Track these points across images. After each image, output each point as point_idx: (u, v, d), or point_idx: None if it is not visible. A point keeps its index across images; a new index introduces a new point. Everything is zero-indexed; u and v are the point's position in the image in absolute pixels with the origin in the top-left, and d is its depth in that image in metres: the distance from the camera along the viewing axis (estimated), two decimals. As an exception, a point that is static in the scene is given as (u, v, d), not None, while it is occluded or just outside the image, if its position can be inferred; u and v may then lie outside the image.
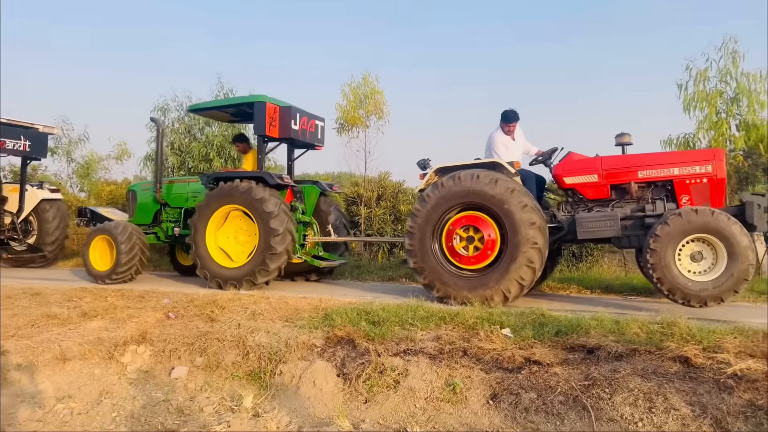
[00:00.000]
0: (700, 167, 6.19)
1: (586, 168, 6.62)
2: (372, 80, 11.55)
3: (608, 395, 3.86)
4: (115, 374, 4.88)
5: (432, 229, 6.48)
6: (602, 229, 6.30)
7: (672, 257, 5.71)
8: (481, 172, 6.35)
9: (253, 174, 7.77)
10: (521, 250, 6.04)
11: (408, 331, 4.95)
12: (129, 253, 8.06)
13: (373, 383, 4.33)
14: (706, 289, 5.65)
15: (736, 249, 5.55)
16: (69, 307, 6.07)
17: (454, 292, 6.31)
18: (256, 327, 5.27)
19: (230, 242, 7.89)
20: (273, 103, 7.75)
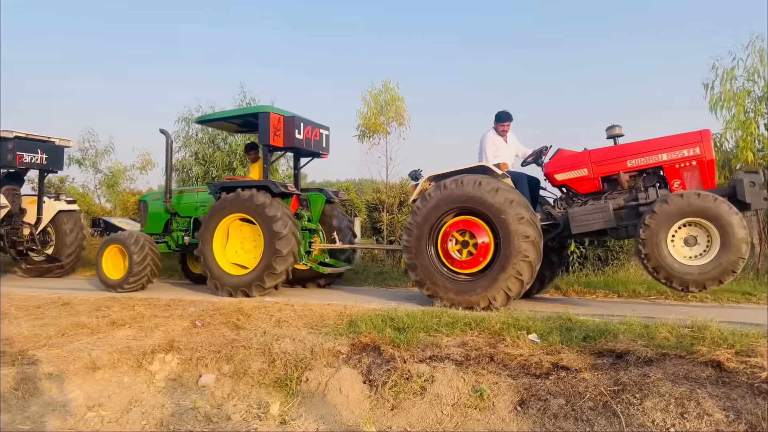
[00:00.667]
0: (688, 150, 6.17)
1: (575, 163, 6.66)
2: (392, 87, 11.59)
3: (638, 400, 3.80)
4: (143, 382, 4.93)
5: (429, 230, 6.56)
6: (594, 222, 6.31)
7: (664, 236, 5.69)
8: (465, 176, 6.43)
9: (257, 183, 7.97)
10: (512, 261, 6.09)
11: (433, 338, 4.93)
12: (141, 263, 8.25)
13: (400, 390, 4.31)
14: (690, 274, 5.63)
15: (731, 239, 5.49)
16: (97, 317, 6.15)
17: (443, 293, 6.41)
18: (282, 334, 5.29)
19: (237, 251, 8.05)
20: (277, 114, 7.95)
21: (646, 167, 6.40)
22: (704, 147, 6.14)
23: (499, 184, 6.34)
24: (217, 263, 7.88)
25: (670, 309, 6.40)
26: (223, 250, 7.99)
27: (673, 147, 6.26)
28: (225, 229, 7.99)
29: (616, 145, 6.68)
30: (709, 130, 6.28)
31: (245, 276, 7.71)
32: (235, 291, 7.65)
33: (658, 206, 5.77)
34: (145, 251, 8.29)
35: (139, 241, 8.35)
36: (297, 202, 8.37)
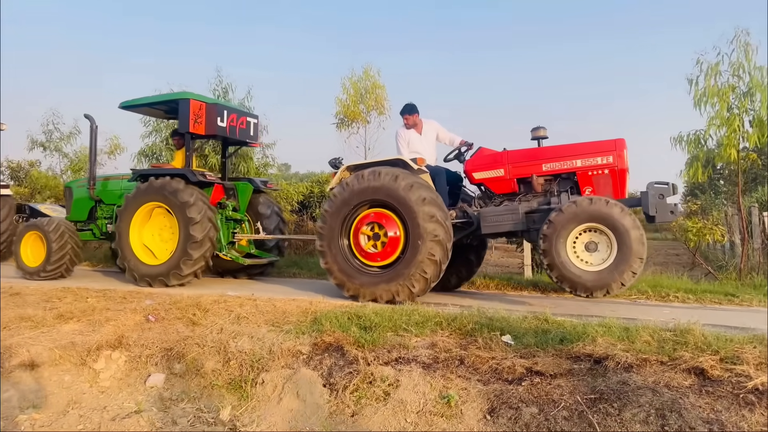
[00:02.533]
0: (602, 158, 6.18)
1: (492, 163, 6.65)
2: (373, 74, 11.22)
3: (616, 411, 3.51)
4: (86, 382, 4.56)
5: (340, 228, 6.52)
6: (504, 223, 6.34)
7: (563, 244, 5.67)
8: (382, 169, 6.38)
9: (174, 171, 7.88)
10: (422, 243, 6.04)
11: (401, 338, 4.62)
12: (60, 251, 8.11)
13: (362, 395, 3.99)
14: (592, 279, 5.61)
15: (626, 240, 5.48)
16: (45, 308, 5.76)
17: (363, 289, 6.32)
18: (240, 332, 4.94)
19: (155, 240, 7.95)
20: (198, 100, 7.80)
21: (560, 172, 6.39)
22: (617, 156, 6.14)
23: (416, 179, 6.29)
24: (134, 253, 7.73)
25: (652, 310, 6.15)
26: (140, 240, 7.86)
27: (588, 154, 6.25)
28: (141, 218, 7.85)
29: (533, 147, 6.63)
30: (623, 140, 6.23)
31: (162, 265, 7.56)
32: (154, 281, 7.51)
33: (553, 216, 5.76)
34: (64, 239, 8.17)
35: (59, 228, 8.19)
36: (222, 191, 8.26)
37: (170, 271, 7.42)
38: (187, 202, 7.34)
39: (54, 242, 8.08)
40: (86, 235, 8.82)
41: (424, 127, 7.33)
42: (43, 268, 8.12)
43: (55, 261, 8.11)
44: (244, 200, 8.47)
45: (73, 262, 8.38)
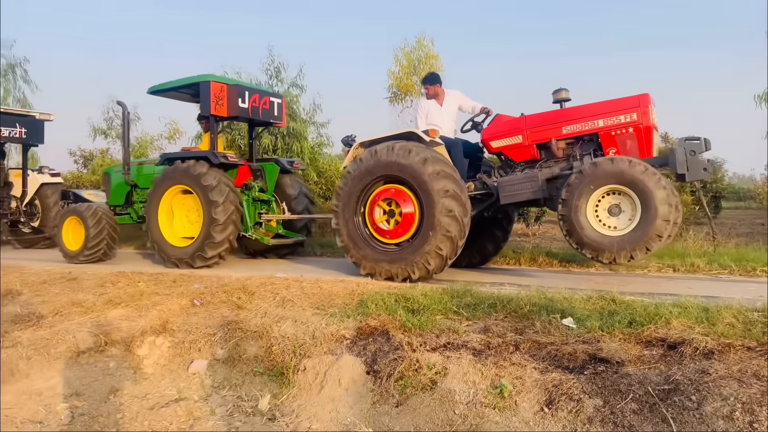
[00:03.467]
0: (625, 116, 5.78)
1: (510, 129, 6.35)
2: (427, 43, 10.74)
3: (695, 404, 3.07)
4: (130, 368, 4.49)
5: (355, 206, 6.38)
6: (523, 192, 6.02)
7: (584, 209, 5.38)
8: (396, 143, 6.16)
9: (198, 154, 7.93)
10: (437, 219, 5.82)
11: (451, 321, 4.30)
12: (98, 235, 8.31)
13: (407, 383, 3.70)
14: (614, 244, 5.28)
15: (650, 202, 5.12)
16: (97, 294, 5.78)
17: (378, 267, 6.18)
18: (284, 315, 4.75)
19: (183, 222, 8.04)
20: (220, 82, 7.80)
21: (581, 134, 6.00)
22: (642, 113, 5.71)
23: (430, 153, 6.04)
24: (162, 235, 7.86)
25: (736, 287, 5.54)
26: (169, 223, 7.95)
27: (610, 113, 5.84)
28: (169, 201, 7.94)
29: (552, 110, 6.24)
30: (647, 95, 5.76)
31: (188, 247, 7.63)
32: (180, 262, 7.61)
33: (572, 179, 5.46)
34: (101, 223, 8.36)
35: (96, 213, 8.39)
36: (248, 172, 8.31)
37: (195, 253, 7.50)
38: (210, 185, 7.38)
39: (91, 227, 8.28)
40: (124, 219, 9.01)
41: (445, 98, 7.07)
42: (82, 252, 8.34)
43: (93, 245, 8.31)
44: (271, 181, 8.43)
45: (110, 246, 8.58)
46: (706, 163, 5.55)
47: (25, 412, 3.83)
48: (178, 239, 7.90)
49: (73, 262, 8.24)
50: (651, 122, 5.72)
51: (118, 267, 7.59)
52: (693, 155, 5.50)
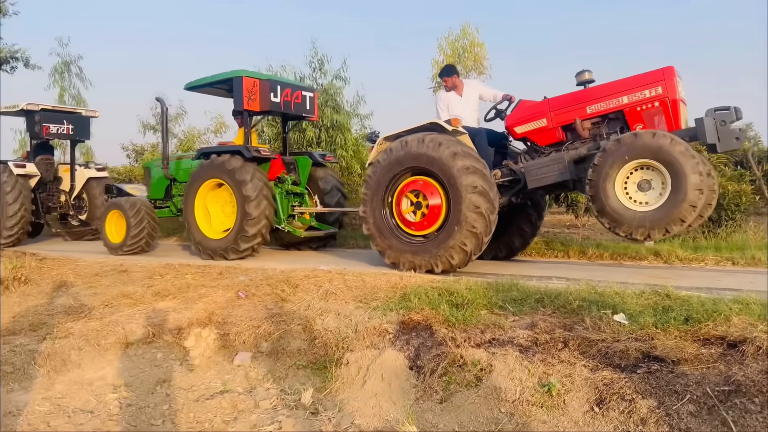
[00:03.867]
0: (650, 90, 5.63)
1: (534, 114, 6.26)
2: (472, 31, 10.52)
3: (758, 407, 2.90)
4: (176, 359, 4.55)
5: (383, 195, 6.42)
6: (549, 174, 5.97)
7: (612, 186, 5.30)
8: (426, 135, 6.14)
9: (231, 148, 8.04)
10: (464, 214, 5.80)
11: (497, 317, 4.19)
12: (138, 227, 8.53)
13: (451, 379, 3.62)
14: (647, 220, 5.18)
15: (679, 173, 5.00)
16: (146, 286, 5.89)
17: (402, 257, 6.24)
18: (327, 308, 4.73)
19: (218, 215, 8.17)
20: (252, 77, 7.90)
21: (606, 112, 5.87)
22: (667, 86, 5.56)
23: (458, 147, 5.99)
24: (198, 228, 8.03)
25: (801, 281, 5.23)
26: (205, 215, 8.13)
27: (634, 88, 5.71)
28: (205, 194, 8.10)
29: (576, 91, 6.14)
30: (672, 67, 5.60)
31: (223, 239, 7.79)
32: (215, 254, 7.76)
33: (597, 158, 5.37)
34: (141, 216, 8.56)
35: (136, 207, 8.61)
36: (281, 165, 8.39)
37: (229, 246, 7.65)
38: (244, 180, 7.50)
39: (132, 220, 8.52)
40: (164, 212, 9.21)
41: (465, 89, 7.01)
42: (124, 244, 8.57)
43: (133, 237, 8.54)
44: (304, 174, 8.54)
45: (151, 238, 8.80)
46: (738, 133, 5.38)
47: (77, 401, 3.93)
48: (213, 231, 8.07)
49: (115, 254, 8.51)
50: (677, 95, 5.56)
51: (165, 259, 7.74)
52: (723, 125, 5.32)
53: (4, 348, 4.32)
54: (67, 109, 10.92)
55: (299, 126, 11.77)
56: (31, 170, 10.23)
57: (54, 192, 10.95)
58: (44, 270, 7.09)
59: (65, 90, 17.21)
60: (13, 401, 3.80)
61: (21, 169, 10.00)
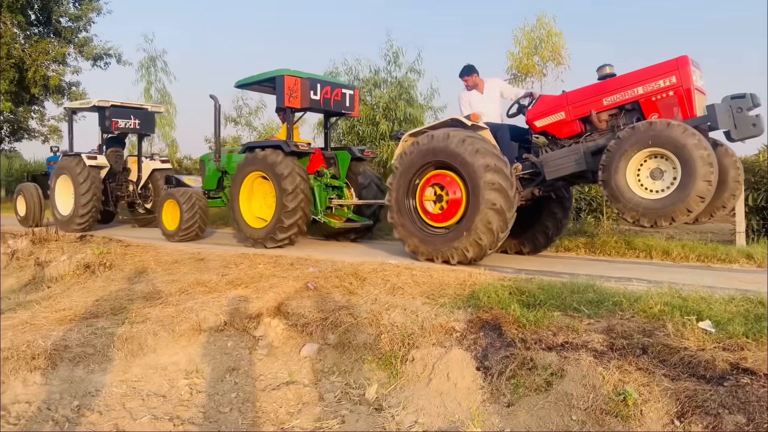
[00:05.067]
0: (664, 80, 5.66)
1: (553, 107, 6.38)
2: (548, 21, 10.16)
3: None
4: (246, 348, 4.63)
5: (407, 186, 6.70)
6: (566, 165, 6.07)
7: (623, 173, 5.38)
8: (452, 131, 6.36)
9: (272, 143, 8.49)
10: (480, 210, 5.98)
11: (571, 319, 4.00)
12: (190, 215, 9.06)
13: (519, 383, 3.49)
14: (654, 207, 5.26)
15: (689, 162, 5.01)
16: (221, 274, 6.05)
17: (422, 247, 6.52)
18: (394, 303, 4.68)
19: (261, 205, 8.60)
20: (294, 76, 8.26)
21: (622, 103, 5.94)
22: (681, 75, 5.57)
23: (481, 144, 6.17)
24: (242, 216, 8.50)
25: None
26: (248, 205, 8.57)
27: (649, 79, 5.75)
28: (250, 185, 8.54)
29: (592, 84, 6.23)
30: (686, 56, 5.60)
31: (263, 228, 8.24)
32: (255, 242, 8.23)
33: (611, 144, 5.49)
34: (193, 206, 9.10)
35: (189, 197, 9.16)
36: (321, 159, 8.77)
37: (267, 235, 8.07)
38: (282, 174, 7.86)
39: (185, 209, 9.05)
40: (216, 202, 9.73)
41: (486, 86, 7.23)
42: (178, 231, 9.13)
43: (186, 225, 9.07)
44: (344, 168, 8.91)
45: (202, 226, 9.33)
46: (755, 119, 5.34)
47: (151, 385, 4.07)
48: (255, 220, 8.49)
49: (171, 240, 9.05)
50: (691, 84, 5.55)
51: (241, 249, 7.93)
52: (740, 112, 5.31)
53: (86, 330, 4.53)
54: (134, 105, 11.61)
55: (373, 120, 11.80)
56: (102, 162, 10.93)
57: (122, 182, 11.70)
58: (128, 256, 7.43)
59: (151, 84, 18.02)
60: (93, 382, 3.98)
61: (92, 161, 10.69)
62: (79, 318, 4.92)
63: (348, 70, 12.81)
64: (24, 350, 4.10)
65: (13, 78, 16.41)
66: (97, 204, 10.60)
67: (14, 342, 4.22)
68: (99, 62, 19.12)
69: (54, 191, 10.94)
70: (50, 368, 4.03)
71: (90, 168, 10.52)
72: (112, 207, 11.64)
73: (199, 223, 9.23)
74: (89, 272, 6.85)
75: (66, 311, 5.10)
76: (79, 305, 5.32)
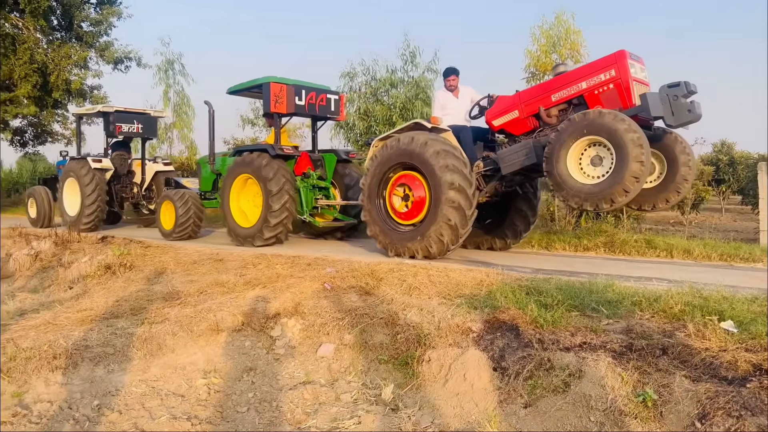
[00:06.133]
0: (604, 74, 5.96)
1: (508, 107, 6.71)
2: (567, 18, 10.07)
3: None
4: (263, 348, 4.65)
5: (377, 187, 7.18)
6: (519, 159, 6.33)
7: (564, 162, 5.64)
8: (416, 134, 6.78)
9: (259, 146, 8.92)
10: (441, 208, 6.37)
11: (589, 319, 3.96)
12: (185, 216, 9.46)
13: (537, 384, 3.46)
14: (594, 191, 5.48)
15: (622, 146, 5.23)
16: (239, 275, 6.09)
17: (391, 244, 6.98)
18: (410, 303, 4.67)
19: (249, 206, 8.93)
20: (279, 83, 8.62)
21: (569, 98, 6.23)
22: (619, 68, 5.87)
23: (429, 137, 6.64)
24: (233, 216, 8.90)
25: None
26: (237, 205, 8.96)
27: (591, 74, 6.07)
28: (239, 187, 8.91)
29: (542, 82, 6.66)
30: (624, 50, 5.89)
31: (251, 228, 8.60)
32: (244, 240, 8.61)
33: (551, 136, 5.80)
34: (188, 206, 9.50)
35: (184, 198, 9.56)
36: (308, 161, 9.18)
37: (255, 234, 8.43)
38: (268, 177, 8.22)
39: (180, 209, 9.46)
40: (212, 203, 10.05)
41: (460, 92, 7.65)
42: (174, 230, 9.51)
43: (181, 225, 9.47)
44: (330, 169, 9.24)
45: (197, 226, 9.72)
46: (690, 105, 5.62)
47: (170, 385, 4.10)
48: (244, 220, 8.86)
49: (168, 239, 9.39)
50: (629, 76, 5.80)
51: (258, 250, 7.97)
52: (676, 99, 5.60)
53: (107, 330, 4.59)
54: (137, 110, 11.97)
55: (390, 119, 11.82)
56: (107, 164, 11.34)
57: (127, 184, 12.08)
58: (147, 257, 7.52)
59: (170, 87, 18.21)
60: (113, 382, 4.03)
61: (98, 164, 11.10)
62: (100, 318, 4.98)
63: (365, 70, 12.85)
64: (46, 350, 4.16)
65: (36, 82, 16.66)
66: (102, 205, 10.97)
67: (36, 342, 4.30)
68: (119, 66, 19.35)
69: (62, 193, 11.37)
70: (71, 368, 4.09)
71: (95, 171, 10.92)
72: (117, 208, 12.04)
73: (193, 222, 9.61)
74: (110, 273, 6.94)
75: (87, 311, 5.17)
76: (99, 305, 5.39)
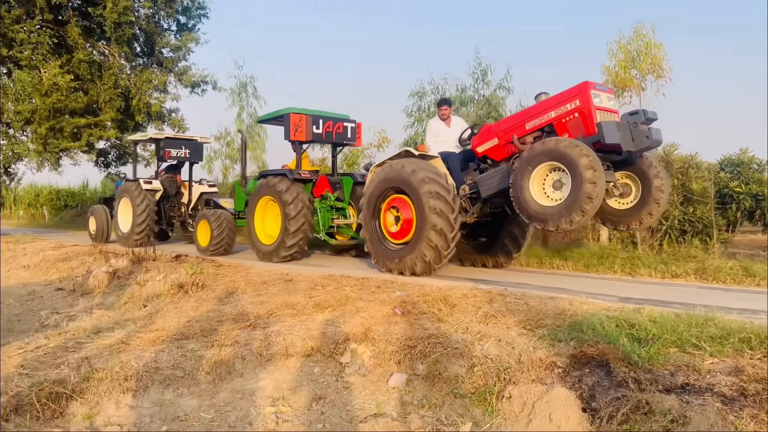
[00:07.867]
0: (570, 104, 6.29)
1: (488, 134, 7.17)
2: (646, 32, 9.56)
3: None
4: (332, 375, 4.48)
5: (373, 208, 7.74)
6: (494, 183, 6.76)
7: (527, 187, 6.01)
8: (406, 161, 7.36)
9: (279, 171, 9.59)
10: (424, 231, 6.88)
11: (690, 357, 3.56)
12: (219, 235, 10.27)
13: (633, 428, 3.10)
14: (552, 213, 5.79)
15: (576, 169, 5.55)
16: (308, 296, 5.98)
17: (383, 261, 7.56)
18: (486, 333, 4.39)
19: (272, 225, 9.59)
20: (298, 113, 9.40)
21: (541, 126, 6.58)
22: (583, 98, 6.19)
23: (418, 164, 7.15)
24: (256, 233, 9.68)
25: None
26: (261, 224, 9.72)
27: (559, 103, 6.40)
28: (263, 207, 9.68)
29: (518, 112, 7.08)
30: (588, 82, 6.24)
31: (271, 245, 9.32)
32: (265, 256, 9.37)
33: (515, 164, 6.24)
34: (222, 226, 10.31)
35: (219, 217, 10.37)
36: (327, 184, 9.78)
37: (274, 251, 9.19)
38: (287, 201, 8.94)
39: (214, 228, 10.27)
40: (244, 222, 10.56)
41: (452, 121, 8.18)
42: (209, 247, 10.31)
43: (215, 242, 10.27)
44: (348, 191, 9.84)
45: (229, 243, 10.50)
46: (648, 131, 5.97)
47: (238, 411, 3.99)
48: (267, 237, 9.57)
49: (203, 255, 10.16)
50: (591, 105, 6.10)
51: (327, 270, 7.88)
52: (635, 126, 5.95)
53: (177, 352, 4.55)
54: (185, 137, 13.09)
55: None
56: (156, 186, 12.31)
57: (175, 204, 12.98)
58: (219, 276, 7.56)
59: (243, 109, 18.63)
60: (182, 406, 3.96)
61: (148, 185, 12.08)
62: (171, 339, 4.96)
63: (435, 89, 12.69)
64: (118, 371, 4.15)
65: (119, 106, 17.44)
66: (151, 223, 11.85)
67: (109, 362, 4.29)
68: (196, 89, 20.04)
69: (117, 211, 12.34)
70: (141, 390, 4.05)
71: (146, 191, 11.88)
72: (166, 225, 12.86)
73: (226, 239, 10.38)
74: (182, 292, 6.99)
75: (159, 332, 5.17)
76: (171, 326, 5.39)
